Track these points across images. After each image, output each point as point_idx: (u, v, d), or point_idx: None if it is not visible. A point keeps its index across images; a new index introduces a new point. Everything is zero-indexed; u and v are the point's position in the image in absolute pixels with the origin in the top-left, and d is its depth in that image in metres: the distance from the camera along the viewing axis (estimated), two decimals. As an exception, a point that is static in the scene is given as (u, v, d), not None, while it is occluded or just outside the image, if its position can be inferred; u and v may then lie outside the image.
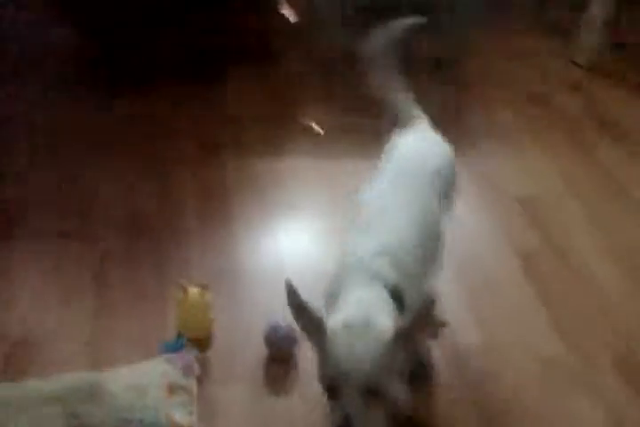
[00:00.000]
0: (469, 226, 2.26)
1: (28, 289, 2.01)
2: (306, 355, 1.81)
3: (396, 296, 1.36)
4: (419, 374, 1.53)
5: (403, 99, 1.83)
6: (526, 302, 2.01)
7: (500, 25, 3.15)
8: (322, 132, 2.65)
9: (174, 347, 1.77)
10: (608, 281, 2.06)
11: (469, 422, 1.68)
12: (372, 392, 1.21)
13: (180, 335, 1.83)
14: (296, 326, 1.76)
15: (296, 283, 1.97)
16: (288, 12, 3.10)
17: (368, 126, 2.64)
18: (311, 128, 2.65)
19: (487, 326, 1.93)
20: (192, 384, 1.67)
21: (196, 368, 1.71)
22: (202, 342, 1.82)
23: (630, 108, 2.78)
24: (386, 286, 1.36)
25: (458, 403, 1.71)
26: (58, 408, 1.58)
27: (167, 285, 1.99)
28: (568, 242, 2.20)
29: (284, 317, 1.81)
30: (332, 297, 1.41)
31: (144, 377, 1.66)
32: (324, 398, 1.29)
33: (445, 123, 2.66)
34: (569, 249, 2.16)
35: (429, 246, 1.55)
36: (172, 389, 1.64)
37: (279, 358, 1.82)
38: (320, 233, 2.23)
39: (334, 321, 1.29)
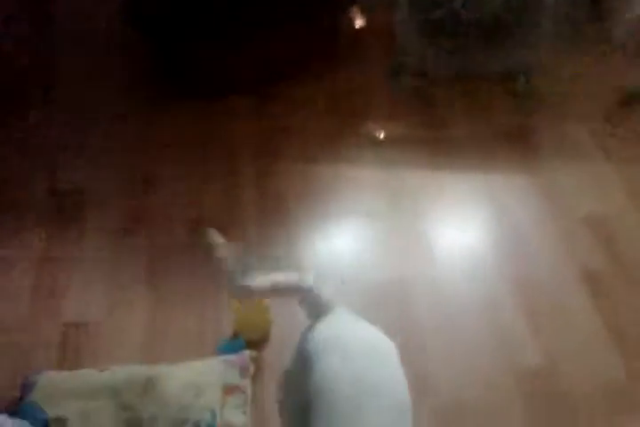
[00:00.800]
0: (535, 246, 2.22)
1: (82, 278, 2.03)
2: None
3: None
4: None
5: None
6: (592, 327, 1.95)
7: (573, 45, 3.10)
8: (382, 136, 2.64)
9: (232, 348, 1.78)
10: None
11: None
12: None
13: (237, 336, 1.84)
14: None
15: (350, 288, 2.01)
16: (358, 20, 3.09)
17: (429, 136, 2.64)
18: (372, 135, 2.65)
19: (552, 351, 1.89)
20: (247, 385, 1.67)
21: (252, 369, 1.70)
22: (258, 343, 1.83)
23: None
24: None
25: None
26: (110, 400, 1.59)
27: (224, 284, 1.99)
28: (637, 262, 2.14)
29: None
30: None
31: (201, 377, 1.66)
32: None
33: (514, 137, 2.68)
34: (638, 270, 2.10)
35: None
36: (229, 389, 1.64)
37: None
38: (377, 240, 2.22)
39: None
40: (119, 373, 1.65)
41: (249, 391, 1.65)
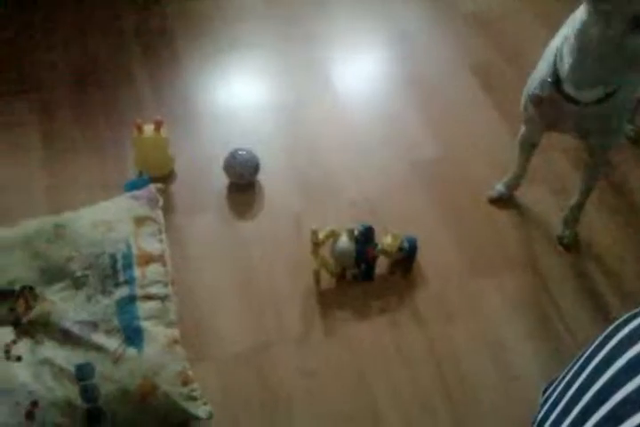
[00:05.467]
0: (424, 47, 2.24)
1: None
2: (267, 181, 1.86)
3: None
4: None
5: None
6: (484, 116, 2.02)
7: None
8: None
9: (138, 184, 1.75)
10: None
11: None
12: None
13: (141, 174, 1.83)
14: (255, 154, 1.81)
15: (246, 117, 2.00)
16: None
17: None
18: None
19: (448, 142, 1.96)
20: (159, 215, 1.67)
21: (160, 200, 1.71)
22: (164, 179, 1.83)
23: None
24: None
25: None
26: (23, 251, 1.57)
27: (120, 128, 1.96)
28: (522, 51, 2.18)
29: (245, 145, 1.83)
30: None
31: (110, 214, 1.65)
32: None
33: None
34: (524, 59, 2.12)
35: None
36: (140, 221, 1.64)
37: (241, 184, 1.83)
38: (271, 66, 2.20)
39: None
40: (27, 226, 1.63)
41: (161, 221, 1.66)
